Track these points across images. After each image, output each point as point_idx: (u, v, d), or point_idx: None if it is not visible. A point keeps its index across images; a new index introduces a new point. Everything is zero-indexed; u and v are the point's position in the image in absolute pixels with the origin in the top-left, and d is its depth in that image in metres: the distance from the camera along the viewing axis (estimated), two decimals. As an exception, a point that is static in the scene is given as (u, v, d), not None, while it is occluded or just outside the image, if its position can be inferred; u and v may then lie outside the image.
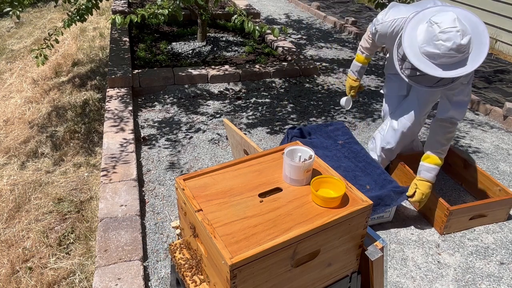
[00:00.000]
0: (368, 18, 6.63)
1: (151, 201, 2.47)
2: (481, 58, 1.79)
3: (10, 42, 6.02)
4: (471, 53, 1.80)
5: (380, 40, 2.33)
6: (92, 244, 2.19)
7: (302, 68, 4.33)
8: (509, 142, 3.35)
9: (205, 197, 1.29)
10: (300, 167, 1.33)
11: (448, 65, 1.82)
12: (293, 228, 1.18)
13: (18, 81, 4.51)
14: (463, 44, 1.75)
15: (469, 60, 1.80)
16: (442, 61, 1.81)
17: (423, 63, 1.85)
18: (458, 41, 1.74)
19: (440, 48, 1.77)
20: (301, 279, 1.26)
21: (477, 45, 1.80)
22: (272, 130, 3.31)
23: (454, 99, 2.11)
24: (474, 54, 1.80)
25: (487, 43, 1.80)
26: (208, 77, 4.01)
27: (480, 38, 1.80)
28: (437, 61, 1.82)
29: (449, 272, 2.10)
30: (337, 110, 3.69)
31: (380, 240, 1.38)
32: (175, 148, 3.01)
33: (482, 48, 1.80)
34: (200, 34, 4.75)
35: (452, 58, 1.79)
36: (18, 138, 3.34)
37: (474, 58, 1.80)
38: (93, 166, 2.87)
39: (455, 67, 1.81)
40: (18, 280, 2.05)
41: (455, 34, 1.73)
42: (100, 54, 4.91)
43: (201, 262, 1.32)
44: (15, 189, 2.68)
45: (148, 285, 1.93)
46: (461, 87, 2.07)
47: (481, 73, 4.61)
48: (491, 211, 2.37)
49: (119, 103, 3.44)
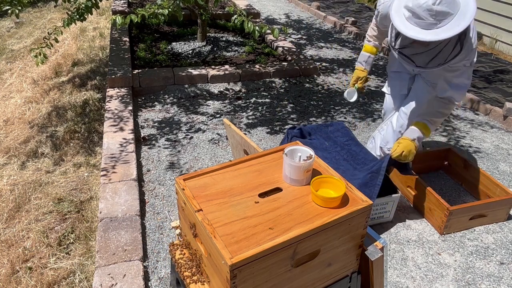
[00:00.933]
0: (368, 18, 6.63)
1: (151, 201, 2.47)
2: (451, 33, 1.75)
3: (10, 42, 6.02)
4: (447, 24, 1.76)
5: (382, 22, 2.32)
6: (92, 244, 2.19)
7: (302, 68, 4.33)
8: (509, 142, 3.35)
9: (205, 197, 1.29)
10: (300, 167, 1.33)
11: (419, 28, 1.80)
12: (293, 228, 1.18)
13: (18, 81, 4.51)
14: (434, 9, 1.72)
15: (441, 30, 1.77)
16: (412, 19, 1.80)
17: (398, 15, 1.86)
18: (430, 3, 1.72)
19: (413, 2, 1.77)
20: (301, 279, 1.26)
21: (456, 20, 1.76)
22: (272, 130, 3.31)
23: (454, 81, 2.08)
24: (449, 26, 1.76)
25: (466, 22, 1.74)
26: (208, 77, 4.01)
27: (463, 15, 1.76)
28: (410, 17, 1.81)
29: (449, 272, 2.10)
30: (337, 110, 3.69)
31: (380, 240, 1.38)
32: (175, 148, 3.01)
33: (459, 23, 1.75)
34: (200, 34, 4.75)
35: (420, 20, 1.77)
36: (18, 138, 3.34)
37: (447, 30, 1.76)
38: (93, 166, 2.87)
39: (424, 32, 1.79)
40: (18, 280, 2.05)
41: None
42: (100, 54, 4.91)
43: (201, 262, 1.32)
44: (15, 189, 2.68)
45: (148, 285, 1.93)
46: (462, 69, 2.04)
47: (481, 73, 4.61)
48: (491, 211, 2.37)
49: (119, 103, 3.44)
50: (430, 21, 1.76)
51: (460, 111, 3.82)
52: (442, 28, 1.76)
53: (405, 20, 1.83)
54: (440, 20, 1.75)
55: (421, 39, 1.79)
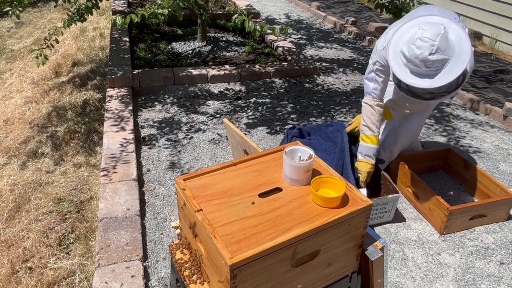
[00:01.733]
0: (368, 18, 6.63)
1: (151, 201, 2.47)
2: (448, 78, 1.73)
3: (10, 42, 6.02)
4: (443, 70, 1.75)
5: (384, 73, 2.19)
6: (92, 244, 2.19)
7: (302, 68, 4.33)
8: (509, 142, 3.35)
9: (205, 197, 1.29)
10: (300, 167, 1.33)
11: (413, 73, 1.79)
12: (293, 228, 1.18)
13: (18, 81, 4.51)
14: (430, 59, 1.71)
15: (438, 76, 1.75)
16: (409, 66, 1.79)
17: (395, 60, 1.84)
18: (426, 54, 1.71)
19: (409, 51, 1.76)
20: (301, 279, 1.26)
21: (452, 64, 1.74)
22: (272, 130, 3.31)
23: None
24: (446, 71, 1.75)
25: (457, 72, 1.73)
26: (208, 77, 4.01)
27: (458, 58, 1.74)
28: (407, 64, 1.80)
29: (449, 272, 2.10)
30: (337, 110, 3.69)
31: (380, 240, 1.38)
32: (175, 148, 3.01)
33: (455, 67, 1.74)
34: (200, 34, 4.75)
35: (417, 68, 1.77)
36: (18, 138, 3.34)
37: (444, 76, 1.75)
38: (93, 166, 2.87)
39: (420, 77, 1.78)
40: (18, 280, 2.05)
41: (427, 47, 1.70)
42: (100, 54, 4.91)
43: (201, 262, 1.32)
44: (15, 189, 2.68)
45: (148, 285, 1.93)
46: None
47: (481, 73, 4.61)
48: (491, 211, 2.37)
49: (119, 103, 3.44)
50: (426, 69, 1.75)
51: (460, 111, 3.82)
52: (439, 75, 1.75)
53: (403, 66, 1.82)
54: (436, 68, 1.75)
55: (418, 86, 1.78)
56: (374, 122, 2.24)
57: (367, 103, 2.26)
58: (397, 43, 1.85)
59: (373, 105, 2.24)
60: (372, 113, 2.24)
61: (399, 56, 1.83)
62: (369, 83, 2.24)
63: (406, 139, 2.55)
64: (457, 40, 1.76)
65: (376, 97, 2.24)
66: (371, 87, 2.24)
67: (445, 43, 1.72)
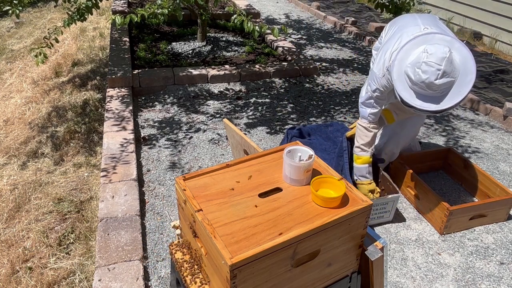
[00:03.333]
0: (368, 18, 6.63)
1: (151, 201, 2.47)
2: (454, 101, 1.74)
3: (10, 42, 6.02)
4: (449, 92, 1.75)
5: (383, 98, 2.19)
6: (92, 244, 2.19)
7: (302, 68, 4.33)
8: (509, 142, 3.35)
9: (205, 197, 1.29)
10: (300, 167, 1.33)
11: (419, 96, 1.79)
12: (293, 228, 1.18)
13: (18, 81, 4.51)
14: (436, 84, 1.71)
15: (445, 99, 1.76)
16: (415, 88, 1.79)
17: (400, 81, 1.83)
18: (432, 79, 1.71)
19: (415, 76, 1.76)
20: (301, 279, 1.26)
21: (457, 86, 1.75)
22: (272, 130, 3.31)
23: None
24: (452, 94, 1.75)
25: (463, 94, 1.74)
26: (208, 77, 4.01)
27: (463, 79, 1.74)
28: (412, 87, 1.80)
29: (449, 272, 2.10)
30: (337, 110, 3.69)
31: (380, 240, 1.38)
32: (175, 148, 3.01)
33: (460, 89, 1.74)
34: (200, 34, 4.75)
35: (423, 90, 1.77)
36: (18, 138, 3.34)
37: (450, 98, 1.76)
38: (93, 166, 2.87)
39: (426, 100, 1.78)
40: (18, 280, 2.05)
41: (434, 72, 1.70)
42: (100, 54, 4.91)
43: (201, 262, 1.32)
44: (15, 189, 2.68)
45: (148, 285, 1.93)
46: None
47: (481, 73, 4.61)
48: (491, 211, 2.37)
49: (119, 103, 3.44)
50: (433, 93, 1.76)
51: (460, 111, 3.82)
52: (446, 97, 1.76)
53: (408, 88, 1.81)
54: (442, 91, 1.75)
55: (425, 109, 1.79)
56: (368, 143, 2.26)
57: (363, 126, 2.26)
58: (401, 65, 1.84)
59: (369, 127, 2.24)
60: (367, 135, 2.25)
61: (404, 77, 1.82)
62: (367, 108, 2.23)
63: (406, 139, 2.56)
64: (462, 60, 1.75)
65: (372, 121, 2.24)
66: (368, 112, 2.23)
67: (451, 66, 1.71)
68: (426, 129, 3.45)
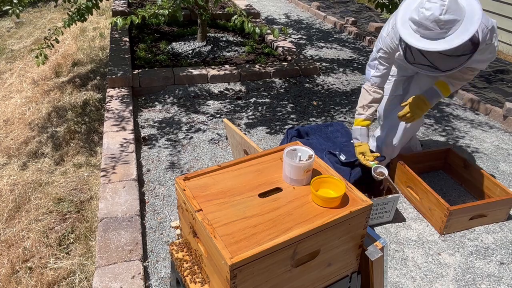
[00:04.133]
0: (368, 18, 6.63)
1: (151, 201, 2.47)
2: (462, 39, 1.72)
3: (10, 42, 6.02)
4: (456, 31, 1.74)
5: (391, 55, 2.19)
6: (92, 244, 2.19)
7: (302, 68, 4.33)
8: (509, 142, 3.35)
9: (205, 197, 1.29)
10: (300, 167, 1.33)
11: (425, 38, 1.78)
12: (293, 228, 1.18)
13: (18, 81, 4.51)
14: (441, 19, 1.70)
15: (451, 37, 1.74)
16: (420, 31, 1.78)
17: (405, 28, 1.84)
18: (436, 14, 1.70)
19: (419, 15, 1.75)
20: (301, 279, 1.26)
21: (464, 25, 1.73)
22: (272, 130, 3.31)
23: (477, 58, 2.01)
24: (459, 33, 1.73)
25: (471, 32, 1.72)
26: (208, 77, 4.01)
27: (470, 19, 1.74)
28: (417, 30, 1.79)
29: (449, 272, 2.10)
30: (337, 110, 3.69)
31: (380, 240, 1.38)
32: (175, 148, 3.01)
33: (468, 28, 1.73)
34: (200, 34, 4.75)
35: (429, 31, 1.75)
36: (18, 138, 3.34)
37: (457, 36, 1.73)
38: (93, 166, 2.87)
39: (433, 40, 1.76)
40: (18, 280, 2.05)
41: (438, 7, 1.69)
42: (100, 54, 4.91)
43: (201, 262, 1.32)
44: (15, 189, 2.68)
45: (148, 285, 1.93)
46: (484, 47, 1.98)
47: (481, 73, 4.61)
48: (491, 211, 2.37)
49: (119, 103, 3.44)
50: (438, 31, 1.74)
51: (460, 111, 3.82)
52: (452, 36, 1.74)
53: (413, 33, 1.81)
54: (449, 29, 1.73)
55: (433, 50, 1.77)
56: (365, 106, 2.29)
57: (364, 88, 2.31)
58: (405, 12, 1.85)
59: (370, 90, 2.28)
60: (365, 98, 2.28)
61: (408, 24, 1.83)
62: (371, 69, 2.27)
63: (407, 133, 2.54)
64: (468, 3, 1.76)
65: (375, 84, 2.27)
66: (372, 73, 2.27)
67: (455, 4, 1.71)
68: (426, 129, 3.45)
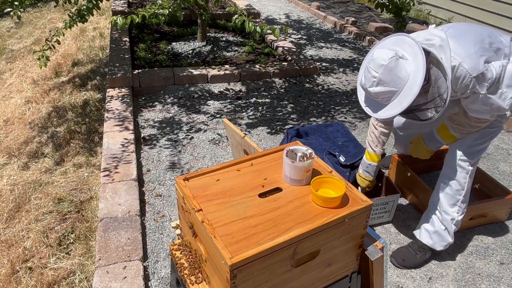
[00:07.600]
0: (368, 18, 6.63)
1: (151, 201, 2.47)
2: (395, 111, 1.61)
3: (10, 42, 6.02)
4: (394, 101, 1.63)
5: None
6: (92, 244, 2.19)
7: (302, 68, 4.33)
8: (509, 142, 3.35)
9: (205, 197, 1.29)
10: (300, 167, 1.33)
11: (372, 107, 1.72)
12: (293, 228, 1.18)
13: (18, 81, 4.51)
14: (372, 92, 1.63)
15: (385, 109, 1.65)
16: (369, 98, 1.73)
17: (360, 93, 1.80)
18: (367, 86, 1.64)
19: (361, 83, 1.70)
20: (301, 279, 1.26)
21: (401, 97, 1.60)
22: (272, 130, 3.31)
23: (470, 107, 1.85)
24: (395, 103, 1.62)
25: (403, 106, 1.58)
26: (208, 77, 4.01)
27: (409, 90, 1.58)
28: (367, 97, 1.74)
29: (449, 272, 2.10)
30: (337, 110, 3.69)
31: (380, 240, 1.38)
32: (175, 148, 3.01)
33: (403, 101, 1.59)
34: (200, 34, 4.75)
35: (373, 98, 1.70)
36: (18, 138, 3.34)
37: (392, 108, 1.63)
38: (93, 166, 2.87)
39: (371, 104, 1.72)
40: (18, 280, 2.05)
41: (370, 78, 1.62)
42: (100, 54, 4.91)
43: (201, 262, 1.32)
44: (15, 189, 2.68)
45: (148, 285, 1.93)
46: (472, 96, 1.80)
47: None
48: (491, 211, 2.37)
49: (119, 103, 3.44)
50: (377, 100, 1.68)
51: (460, 111, 3.82)
52: (390, 105, 1.65)
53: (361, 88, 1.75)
54: (384, 99, 1.65)
55: (374, 116, 1.72)
56: (374, 141, 2.19)
57: (372, 122, 2.22)
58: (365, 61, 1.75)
59: (376, 125, 2.18)
60: (373, 131, 2.19)
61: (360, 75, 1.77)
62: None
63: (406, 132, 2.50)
64: (415, 70, 1.57)
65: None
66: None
67: (389, 76, 1.57)
68: (426, 129, 3.45)
